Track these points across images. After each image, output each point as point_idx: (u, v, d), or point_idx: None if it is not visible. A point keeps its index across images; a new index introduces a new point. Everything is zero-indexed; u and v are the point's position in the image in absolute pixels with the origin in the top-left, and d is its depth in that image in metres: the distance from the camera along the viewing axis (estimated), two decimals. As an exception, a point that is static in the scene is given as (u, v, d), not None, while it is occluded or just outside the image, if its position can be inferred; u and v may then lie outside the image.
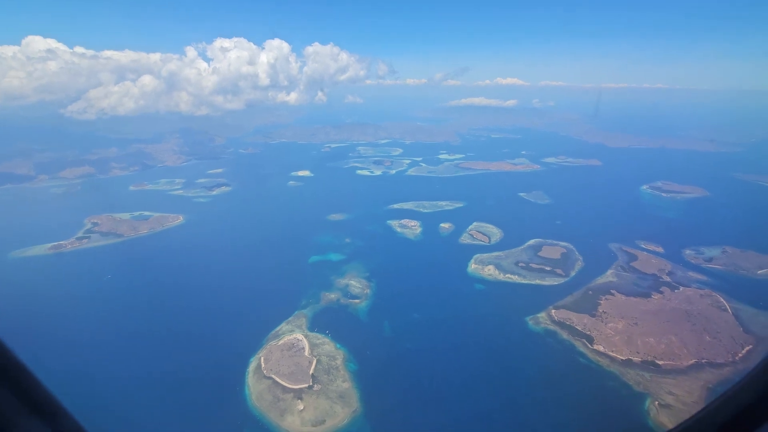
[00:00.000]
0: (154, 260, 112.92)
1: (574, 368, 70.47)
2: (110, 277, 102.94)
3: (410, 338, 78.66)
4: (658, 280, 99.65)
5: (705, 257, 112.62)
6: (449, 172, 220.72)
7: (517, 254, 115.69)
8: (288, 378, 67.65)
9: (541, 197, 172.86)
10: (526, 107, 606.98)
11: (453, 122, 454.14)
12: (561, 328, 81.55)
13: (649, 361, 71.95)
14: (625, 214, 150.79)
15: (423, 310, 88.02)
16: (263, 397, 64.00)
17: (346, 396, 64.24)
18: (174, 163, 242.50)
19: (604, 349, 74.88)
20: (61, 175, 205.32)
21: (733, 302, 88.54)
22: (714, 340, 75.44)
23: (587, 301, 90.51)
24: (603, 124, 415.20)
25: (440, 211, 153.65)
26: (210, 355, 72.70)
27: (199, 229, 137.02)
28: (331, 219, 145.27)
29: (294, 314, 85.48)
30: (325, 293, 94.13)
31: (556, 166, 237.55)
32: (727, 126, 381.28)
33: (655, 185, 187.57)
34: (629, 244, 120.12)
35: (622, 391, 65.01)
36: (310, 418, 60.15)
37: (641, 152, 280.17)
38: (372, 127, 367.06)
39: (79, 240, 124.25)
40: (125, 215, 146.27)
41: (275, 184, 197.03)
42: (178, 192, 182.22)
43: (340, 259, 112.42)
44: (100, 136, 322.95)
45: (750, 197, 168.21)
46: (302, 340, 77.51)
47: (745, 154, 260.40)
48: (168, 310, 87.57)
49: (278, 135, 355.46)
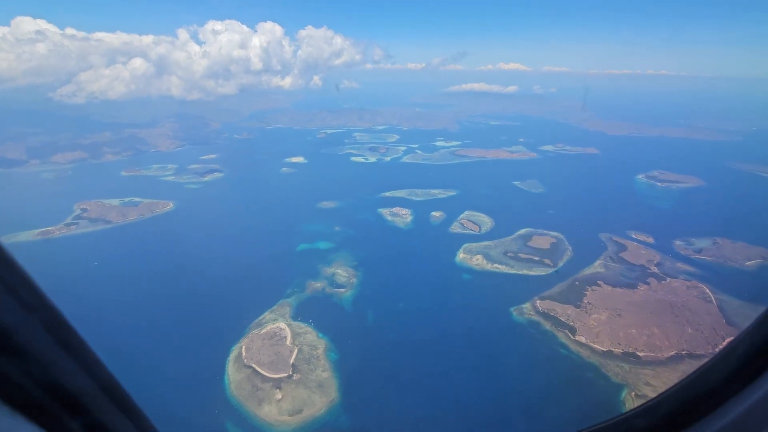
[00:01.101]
0: (141, 247, 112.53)
1: (555, 359, 70.71)
2: (96, 264, 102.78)
3: (393, 328, 78.77)
4: (645, 271, 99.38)
5: (695, 248, 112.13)
6: (444, 160, 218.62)
7: (507, 244, 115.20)
8: (268, 367, 67.92)
9: (535, 186, 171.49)
10: (527, 93, 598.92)
11: (452, 108, 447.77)
12: (544, 318, 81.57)
13: (629, 352, 72.13)
14: (618, 204, 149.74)
15: (408, 299, 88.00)
16: (242, 387, 64.35)
17: (324, 385, 64.58)
18: (167, 149, 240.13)
19: (586, 340, 75.00)
20: (53, 160, 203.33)
21: (719, 294, 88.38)
22: (696, 332, 75.52)
23: (573, 292, 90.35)
24: (604, 112, 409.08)
25: (432, 200, 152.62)
26: (191, 344, 72.91)
27: (189, 216, 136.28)
28: (322, 207, 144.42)
29: (278, 303, 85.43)
30: (311, 282, 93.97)
31: (553, 154, 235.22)
32: (729, 114, 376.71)
33: (651, 174, 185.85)
34: (620, 234, 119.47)
35: (600, 382, 65.33)
36: (288, 408, 60.56)
37: (640, 141, 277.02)
38: (369, 112, 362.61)
39: (67, 226, 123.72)
40: (115, 201, 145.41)
41: (268, 171, 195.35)
42: (170, 178, 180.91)
43: (329, 248, 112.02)
44: (95, 120, 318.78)
45: (745, 187, 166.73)
46: (285, 329, 77.62)
47: (744, 144, 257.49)
48: (151, 299, 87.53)
49: (274, 120, 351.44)
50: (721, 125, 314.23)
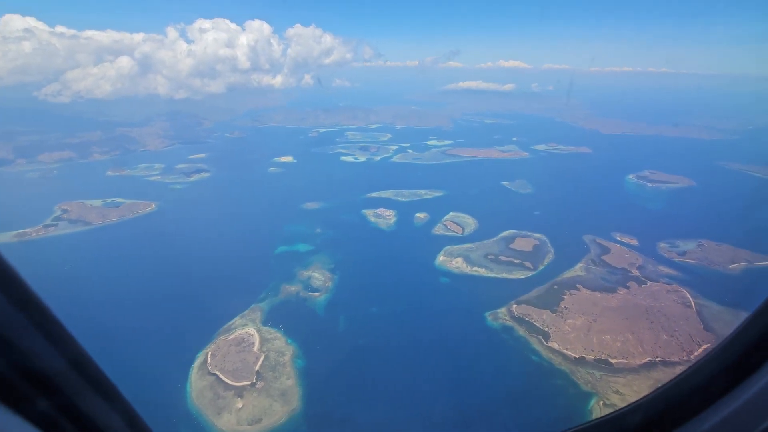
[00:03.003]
0: (117, 250, 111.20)
1: (525, 366, 69.37)
2: (71, 267, 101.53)
3: (364, 334, 77.46)
4: (626, 275, 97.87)
5: (679, 251, 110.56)
6: (435, 159, 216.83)
7: (489, 246, 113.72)
8: (232, 375, 66.68)
9: (523, 186, 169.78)
10: (524, 92, 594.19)
11: (448, 107, 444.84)
12: (519, 324, 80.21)
13: (602, 359, 70.75)
14: (605, 205, 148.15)
15: (382, 304, 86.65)
16: (203, 395, 63.14)
17: (287, 394, 63.33)
18: (157, 148, 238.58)
19: (559, 347, 73.63)
20: (40, 159, 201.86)
21: (699, 298, 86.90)
22: (671, 338, 74.07)
23: (551, 296, 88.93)
24: (601, 110, 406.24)
25: (418, 200, 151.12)
26: (156, 350, 71.63)
27: (170, 217, 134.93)
28: (306, 207, 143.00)
29: (250, 308, 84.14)
30: (286, 286, 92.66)
31: (545, 154, 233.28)
32: (728, 112, 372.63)
33: (642, 174, 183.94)
34: (604, 236, 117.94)
35: (569, 390, 63.99)
36: (247, 417, 59.34)
37: (635, 140, 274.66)
38: (363, 111, 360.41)
39: (45, 228, 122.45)
40: (97, 202, 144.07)
41: (255, 171, 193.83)
42: (156, 178, 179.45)
43: (308, 250, 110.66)
44: (88, 118, 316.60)
45: (735, 188, 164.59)
46: (254, 334, 76.37)
47: (739, 143, 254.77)
48: (122, 303, 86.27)
49: (268, 119, 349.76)
50: (719, 123, 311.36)
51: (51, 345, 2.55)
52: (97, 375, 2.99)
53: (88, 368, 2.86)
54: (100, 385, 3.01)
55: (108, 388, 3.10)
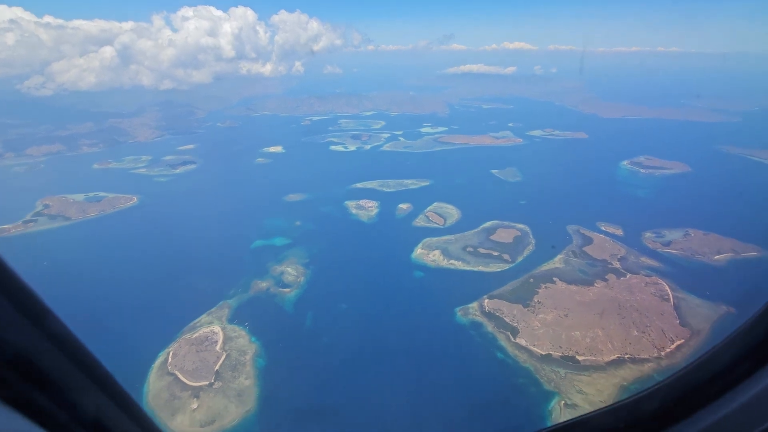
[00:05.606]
0: (94, 246, 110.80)
1: (488, 364, 68.05)
2: (46, 264, 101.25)
3: (330, 331, 76.42)
4: (606, 267, 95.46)
5: (664, 241, 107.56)
6: (426, 147, 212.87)
7: (469, 238, 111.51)
8: (190, 375, 66.17)
9: (513, 174, 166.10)
10: (526, 74, 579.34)
11: (447, 91, 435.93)
12: (489, 319, 78.61)
13: (569, 356, 69.17)
14: (594, 193, 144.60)
15: (352, 300, 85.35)
16: (160, 396, 62.75)
17: (244, 394, 62.74)
18: (146, 139, 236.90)
19: (526, 343, 72.08)
20: (28, 153, 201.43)
21: (679, 291, 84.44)
22: (641, 335, 72.11)
23: (525, 290, 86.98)
24: (604, 93, 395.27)
25: (403, 191, 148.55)
26: (117, 349, 70.83)
27: (150, 212, 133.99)
28: (288, 200, 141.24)
29: (218, 305, 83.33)
30: (257, 281, 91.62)
31: (539, 140, 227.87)
32: (735, 93, 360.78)
33: (637, 160, 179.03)
34: (588, 225, 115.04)
35: (530, 390, 62.65)
36: (201, 418, 58.90)
37: (634, 123, 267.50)
38: (357, 97, 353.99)
39: (25, 224, 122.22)
40: (80, 196, 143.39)
41: (242, 162, 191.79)
42: (142, 170, 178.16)
43: (284, 244, 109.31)
44: (80, 110, 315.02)
45: (731, 173, 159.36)
46: (218, 332, 75.68)
47: (740, 125, 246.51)
48: (93, 299, 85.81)
49: (261, 107, 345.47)
50: (722, 105, 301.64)
51: (44, 334, 2.41)
52: (93, 365, 2.80)
53: (79, 354, 2.70)
54: (97, 377, 2.81)
55: (106, 381, 2.90)
